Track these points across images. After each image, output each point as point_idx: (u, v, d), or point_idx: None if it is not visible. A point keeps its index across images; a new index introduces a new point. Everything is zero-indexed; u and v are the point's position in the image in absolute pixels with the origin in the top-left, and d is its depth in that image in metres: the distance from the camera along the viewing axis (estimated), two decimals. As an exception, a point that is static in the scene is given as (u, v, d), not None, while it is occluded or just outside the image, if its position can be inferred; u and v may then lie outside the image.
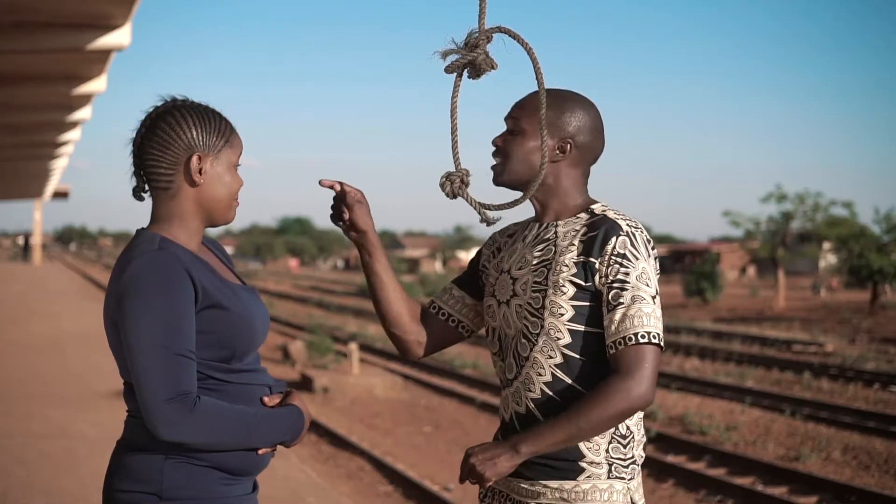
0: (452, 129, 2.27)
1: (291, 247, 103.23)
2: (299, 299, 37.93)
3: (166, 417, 1.98)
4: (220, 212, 2.19)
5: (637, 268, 2.17)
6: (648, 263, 2.19)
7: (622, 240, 2.17)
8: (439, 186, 2.27)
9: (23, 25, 8.82)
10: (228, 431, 2.04)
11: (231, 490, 2.12)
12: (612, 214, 2.24)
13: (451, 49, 2.27)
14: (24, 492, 6.17)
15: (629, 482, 2.21)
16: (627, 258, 2.16)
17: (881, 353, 19.75)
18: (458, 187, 2.27)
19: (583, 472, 2.19)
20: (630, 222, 2.22)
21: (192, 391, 2.02)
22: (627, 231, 2.19)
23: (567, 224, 2.28)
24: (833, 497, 8.37)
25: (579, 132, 2.29)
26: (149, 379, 1.99)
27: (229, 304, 2.12)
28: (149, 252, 2.07)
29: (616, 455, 2.21)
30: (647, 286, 2.17)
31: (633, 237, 2.19)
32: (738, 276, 64.75)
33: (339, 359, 15.96)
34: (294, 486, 6.87)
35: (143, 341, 2.00)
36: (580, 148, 2.30)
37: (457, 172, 2.27)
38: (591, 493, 2.17)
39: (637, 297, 2.15)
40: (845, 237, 35.77)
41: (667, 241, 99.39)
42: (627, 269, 2.16)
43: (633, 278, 2.16)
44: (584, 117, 2.30)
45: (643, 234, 2.22)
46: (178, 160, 2.14)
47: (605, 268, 2.16)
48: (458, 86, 2.28)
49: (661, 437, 10.57)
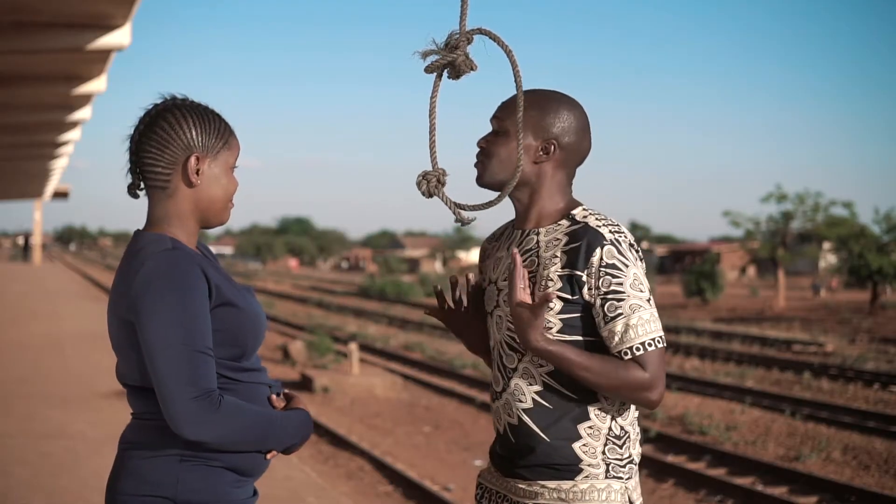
0: (430, 129, 2.26)
1: (291, 247, 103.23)
2: (299, 299, 37.91)
3: (193, 416, 1.97)
4: (216, 213, 2.19)
5: (629, 275, 2.15)
6: (637, 267, 2.18)
7: (608, 249, 2.16)
8: (416, 185, 2.27)
9: (23, 25, 8.82)
10: (249, 431, 2.04)
11: (240, 493, 2.13)
12: (593, 222, 2.21)
13: (431, 49, 2.27)
14: (25, 492, 6.17)
15: (627, 482, 2.22)
16: (617, 267, 2.15)
17: (881, 353, 19.75)
18: (434, 186, 2.26)
19: (580, 472, 2.19)
20: (612, 228, 2.20)
21: (216, 388, 2.01)
22: (612, 239, 2.17)
23: (549, 232, 2.26)
24: (833, 497, 8.37)
25: (564, 133, 2.27)
26: (172, 378, 1.97)
27: (239, 301, 2.12)
28: (163, 251, 2.06)
29: (613, 456, 2.21)
30: (642, 291, 2.16)
31: (618, 244, 2.17)
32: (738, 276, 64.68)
33: (339, 359, 15.96)
34: (294, 486, 6.87)
35: (163, 341, 1.98)
36: (565, 149, 2.28)
37: (433, 172, 2.27)
38: (589, 492, 2.18)
39: (634, 305, 2.14)
40: (845, 237, 35.79)
41: (667, 241, 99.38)
42: (619, 278, 2.14)
43: (626, 287, 2.14)
44: (570, 118, 2.28)
45: (627, 239, 2.19)
46: (176, 160, 2.13)
47: (595, 279, 2.15)
48: (437, 86, 2.28)
49: (661, 437, 10.57)
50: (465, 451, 10.38)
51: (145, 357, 2.02)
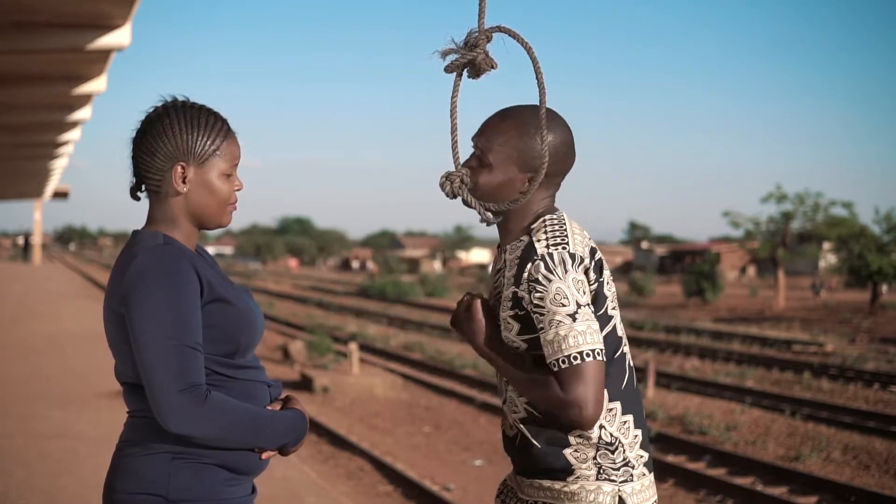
0: (452, 129, 2.26)
1: (291, 247, 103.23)
2: (299, 299, 37.91)
3: (178, 409, 1.98)
4: (210, 217, 2.21)
5: (550, 290, 2.12)
6: (565, 281, 2.12)
7: (536, 265, 2.14)
8: (439, 186, 2.26)
9: (23, 25, 8.81)
10: (237, 427, 2.05)
11: (235, 491, 2.13)
12: (538, 237, 2.19)
13: (450, 48, 2.26)
14: (24, 492, 6.16)
15: (621, 484, 2.20)
16: (540, 282, 2.13)
17: (881, 353, 19.75)
18: (457, 187, 2.26)
19: (572, 474, 2.21)
20: (550, 240, 2.17)
21: (203, 383, 2.03)
22: (542, 254, 2.15)
23: (512, 251, 2.26)
24: (833, 497, 8.37)
25: (548, 156, 2.22)
26: (159, 371, 1.99)
27: (232, 298, 2.14)
28: (154, 247, 2.09)
29: (605, 461, 2.21)
30: (563, 306, 2.11)
31: (549, 258, 2.14)
32: (738, 276, 64.72)
33: (338, 359, 15.97)
34: (294, 486, 6.87)
35: (151, 334, 2.00)
36: (549, 174, 2.24)
37: (457, 172, 2.26)
38: (579, 493, 2.19)
39: (553, 321, 2.11)
40: (845, 237, 35.79)
41: (667, 241, 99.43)
42: (541, 293, 2.12)
43: (546, 302, 2.12)
44: (554, 140, 2.23)
45: (562, 252, 2.15)
46: (164, 167, 2.16)
47: (528, 294, 2.15)
48: (457, 85, 2.27)
49: (661, 437, 10.57)
50: (465, 451, 10.38)
51: (134, 350, 2.04)
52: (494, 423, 11.59)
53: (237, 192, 2.23)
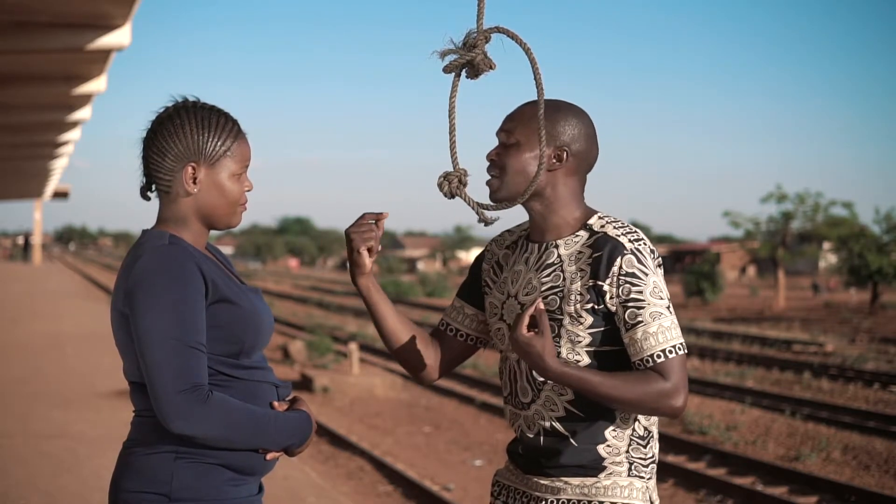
0: (450, 129, 2.26)
1: (291, 247, 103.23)
2: (299, 299, 37.91)
3: (179, 409, 1.98)
4: (220, 218, 2.21)
5: (648, 283, 2.16)
6: (657, 275, 2.19)
7: (628, 259, 2.17)
8: (437, 186, 2.27)
9: (23, 25, 8.83)
10: (239, 427, 2.05)
11: (239, 491, 2.13)
12: (612, 231, 2.22)
13: (449, 49, 2.26)
14: (24, 492, 6.17)
15: (648, 481, 2.25)
16: (637, 276, 2.16)
17: (881, 353, 19.75)
18: (455, 187, 2.27)
19: (604, 469, 2.22)
20: (632, 236, 2.21)
21: (205, 383, 2.03)
22: (632, 249, 2.18)
23: (568, 245, 2.26)
24: (833, 497, 8.37)
25: (574, 140, 2.27)
26: (161, 370, 1.99)
27: (237, 299, 2.14)
28: (159, 247, 2.10)
29: (637, 455, 2.24)
30: (661, 299, 2.17)
31: (639, 253, 2.18)
32: (738, 276, 64.74)
33: (338, 359, 15.96)
34: (294, 485, 6.87)
35: (154, 333, 2.00)
36: (576, 156, 2.28)
37: (455, 172, 2.27)
38: (612, 488, 2.21)
39: (655, 313, 2.15)
40: (845, 237, 35.76)
41: (667, 241, 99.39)
42: (640, 287, 2.16)
43: (647, 295, 2.16)
44: (579, 125, 2.28)
45: (647, 246, 2.21)
46: (174, 168, 2.16)
47: (615, 288, 2.16)
48: (456, 86, 2.27)
49: (661, 436, 10.54)
50: (465, 451, 10.38)
51: (136, 349, 2.04)
52: (494, 423, 11.59)
53: (247, 192, 2.24)
